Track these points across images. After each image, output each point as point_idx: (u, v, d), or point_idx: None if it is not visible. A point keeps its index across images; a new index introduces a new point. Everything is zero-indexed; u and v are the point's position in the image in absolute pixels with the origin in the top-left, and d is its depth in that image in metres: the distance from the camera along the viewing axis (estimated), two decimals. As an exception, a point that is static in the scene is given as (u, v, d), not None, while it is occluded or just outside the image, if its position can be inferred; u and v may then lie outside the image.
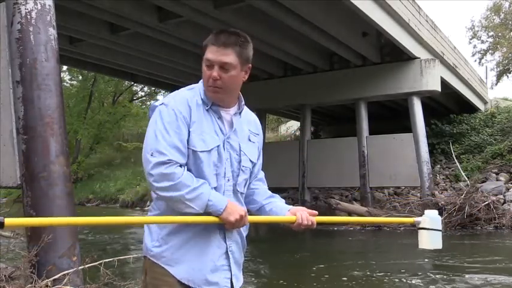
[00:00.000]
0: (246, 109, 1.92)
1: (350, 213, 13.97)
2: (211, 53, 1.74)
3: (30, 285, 3.71)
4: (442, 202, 11.86)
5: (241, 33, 1.80)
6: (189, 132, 1.71)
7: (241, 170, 1.82)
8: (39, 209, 4.10)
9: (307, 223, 1.80)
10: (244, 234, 1.87)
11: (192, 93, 1.80)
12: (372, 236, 11.57)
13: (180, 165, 1.67)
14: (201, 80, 1.83)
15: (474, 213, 11.33)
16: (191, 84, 1.87)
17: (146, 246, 1.76)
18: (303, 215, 1.81)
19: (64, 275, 3.83)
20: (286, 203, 1.97)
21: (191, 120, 1.72)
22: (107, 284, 4.01)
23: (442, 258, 7.77)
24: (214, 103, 1.78)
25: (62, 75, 6.94)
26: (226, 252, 1.75)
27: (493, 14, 30.61)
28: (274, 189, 2.03)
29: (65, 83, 28.60)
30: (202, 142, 1.72)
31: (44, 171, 4.14)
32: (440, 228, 2.13)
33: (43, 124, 4.23)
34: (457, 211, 11.30)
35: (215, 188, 1.74)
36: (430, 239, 2.11)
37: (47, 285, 3.71)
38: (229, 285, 1.76)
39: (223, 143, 1.77)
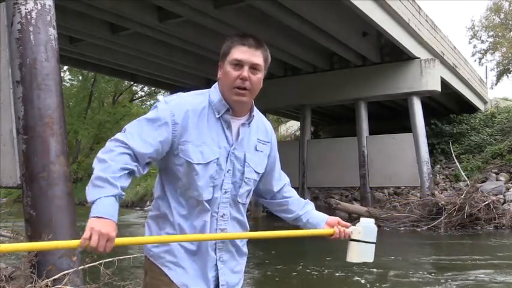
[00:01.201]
0: (259, 114, 1.84)
1: (350, 213, 14.00)
2: (242, 53, 1.67)
3: (30, 285, 3.71)
4: (442, 202, 11.85)
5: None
6: (176, 140, 1.64)
7: (244, 181, 1.76)
8: (39, 209, 4.10)
9: (344, 237, 1.86)
10: (241, 243, 1.81)
11: (199, 100, 1.71)
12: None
13: (129, 154, 1.58)
14: (214, 86, 1.75)
15: (474, 213, 11.33)
16: (191, 84, 1.85)
17: (146, 245, 1.76)
18: (340, 229, 1.86)
19: (64, 275, 3.83)
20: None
21: (187, 129, 1.64)
22: (107, 284, 4.01)
23: (442, 258, 7.77)
24: (227, 110, 1.70)
25: (62, 75, 6.94)
26: (216, 264, 1.72)
27: (493, 14, 30.61)
28: None
29: (65, 83, 28.61)
30: (200, 154, 1.65)
31: (44, 171, 4.14)
32: (375, 241, 1.91)
33: (43, 124, 4.23)
34: (457, 211, 11.30)
35: (209, 200, 1.68)
36: (360, 252, 1.88)
37: (47, 285, 3.71)
38: None
39: (228, 154, 1.70)
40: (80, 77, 29.58)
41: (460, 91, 18.25)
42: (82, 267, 4.05)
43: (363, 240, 1.87)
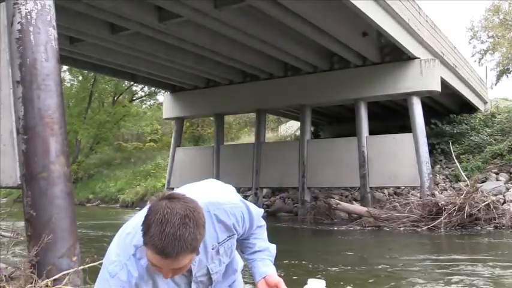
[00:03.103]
0: (211, 215, 1.54)
1: (350, 213, 14.00)
2: (157, 262, 1.32)
3: (30, 285, 3.71)
4: (442, 202, 11.85)
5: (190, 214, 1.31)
6: None
7: (214, 280, 1.67)
8: (39, 209, 4.10)
9: None
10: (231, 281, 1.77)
11: (138, 258, 1.46)
12: (371, 235, 11.57)
13: None
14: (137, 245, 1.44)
15: (474, 213, 11.33)
16: (191, 84, 1.73)
17: None
18: None
19: (64, 275, 3.83)
20: (286, 207, 1.85)
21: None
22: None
23: (442, 258, 7.76)
24: None
25: (62, 75, 6.95)
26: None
27: (492, 15, 30.62)
28: (274, 189, 1.95)
29: (65, 83, 28.63)
30: None
31: (44, 171, 4.14)
32: None
33: (43, 124, 4.23)
34: (457, 211, 11.30)
35: None
36: None
37: (47, 285, 3.71)
38: None
39: (191, 282, 1.59)
40: (80, 77, 29.59)
41: (460, 91, 18.26)
42: (82, 267, 4.05)
43: None
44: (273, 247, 1.80)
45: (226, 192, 1.68)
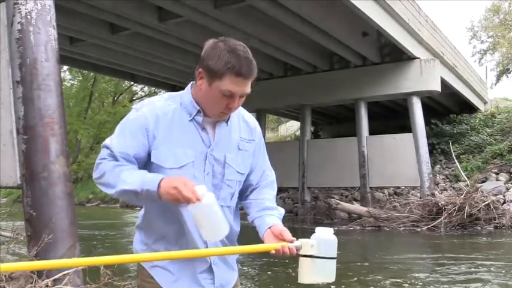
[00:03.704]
0: (239, 112, 1.74)
1: (350, 213, 14.01)
2: (236, 85, 1.54)
3: (30, 285, 3.71)
4: (442, 202, 11.85)
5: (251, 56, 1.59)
6: (150, 145, 1.60)
7: (225, 183, 1.67)
8: (39, 209, 4.10)
9: (285, 253, 1.56)
10: (230, 244, 1.74)
11: (168, 103, 1.64)
12: (371, 235, 11.57)
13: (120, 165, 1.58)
14: (187, 88, 1.68)
15: (474, 213, 11.33)
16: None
17: (135, 249, 1.75)
18: (284, 247, 1.55)
19: (64, 275, 3.83)
20: (286, 207, 1.83)
21: (158, 132, 1.59)
22: (107, 284, 4.01)
23: (442, 258, 7.77)
24: (198, 112, 1.63)
25: (62, 75, 6.94)
26: (210, 267, 1.69)
27: (492, 15, 30.63)
28: None
29: (65, 83, 28.64)
30: (173, 158, 1.59)
31: (44, 171, 4.14)
32: (335, 256, 1.54)
33: (43, 124, 4.23)
34: (457, 211, 11.30)
35: None
36: (314, 270, 1.51)
37: (47, 285, 3.71)
38: None
39: (206, 156, 1.63)
40: (80, 77, 29.61)
41: (460, 91, 18.26)
42: (82, 267, 4.05)
43: (317, 256, 1.50)
44: (282, 209, 1.79)
45: None
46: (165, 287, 1.67)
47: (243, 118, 1.76)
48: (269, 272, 6.67)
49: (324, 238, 1.53)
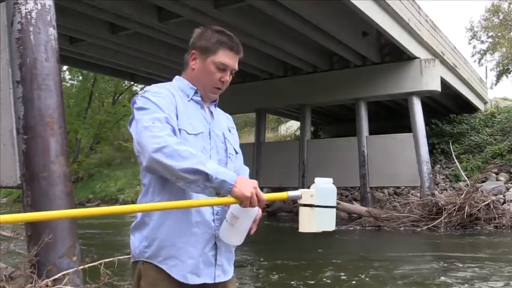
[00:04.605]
0: (216, 108, 1.90)
1: (350, 213, 14.00)
2: (229, 58, 1.75)
3: (30, 285, 3.71)
4: (442, 202, 11.85)
5: None
6: (176, 114, 1.68)
7: (229, 157, 1.78)
8: (39, 209, 4.09)
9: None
10: (229, 247, 1.74)
11: (167, 87, 1.77)
12: (371, 235, 11.58)
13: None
14: (176, 78, 1.85)
15: (474, 213, 11.33)
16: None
17: (135, 250, 1.71)
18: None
19: (64, 275, 3.83)
20: (286, 207, 1.87)
21: (176, 103, 1.70)
22: (107, 284, 4.01)
23: (442, 258, 7.77)
24: (196, 92, 1.77)
25: (62, 75, 6.95)
26: (215, 243, 1.69)
27: (491, 15, 30.63)
28: (274, 189, 1.98)
29: (65, 83, 28.65)
30: (190, 126, 1.68)
31: (44, 171, 4.14)
32: (334, 204, 1.58)
33: (43, 124, 4.23)
34: (457, 211, 11.30)
35: None
36: (315, 220, 1.53)
37: (47, 285, 3.71)
38: (213, 275, 1.69)
39: (209, 132, 1.75)
40: (80, 77, 29.61)
41: (460, 91, 18.26)
42: (82, 267, 4.05)
43: (317, 205, 1.54)
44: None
45: None
46: (178, 276, 1.64)
47: (220, 111, 1.92)
48: (269, 275, 6.68)
49: (323, 187, 1.57)
